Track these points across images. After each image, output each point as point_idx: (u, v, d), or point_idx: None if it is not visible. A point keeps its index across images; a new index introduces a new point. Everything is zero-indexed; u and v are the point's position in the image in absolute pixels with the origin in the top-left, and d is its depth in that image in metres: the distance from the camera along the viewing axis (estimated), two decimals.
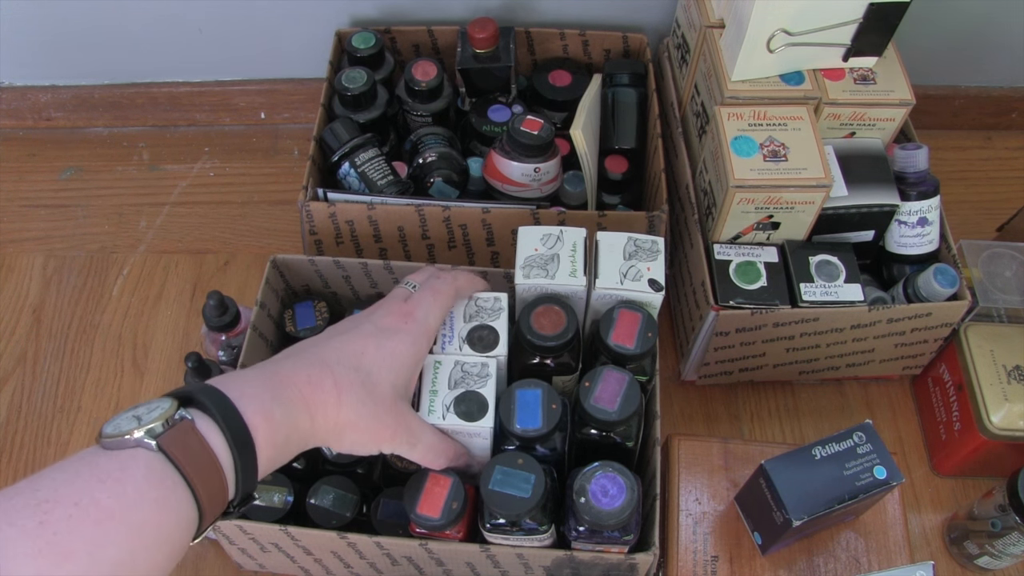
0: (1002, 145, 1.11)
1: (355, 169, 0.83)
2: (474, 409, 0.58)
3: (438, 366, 0.59)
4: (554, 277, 0.62)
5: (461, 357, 0.60)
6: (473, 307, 0.62)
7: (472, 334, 0.61)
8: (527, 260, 0.63)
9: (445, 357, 0.60)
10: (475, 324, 0.62)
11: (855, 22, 0.73)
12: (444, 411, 0.58)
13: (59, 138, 1.11)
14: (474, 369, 0.59)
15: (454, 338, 0.61)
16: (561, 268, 0.62)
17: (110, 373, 0.91)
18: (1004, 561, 0.76)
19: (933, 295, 0.77)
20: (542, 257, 0.62)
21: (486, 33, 0.89)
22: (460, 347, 0.61)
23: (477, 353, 0.61)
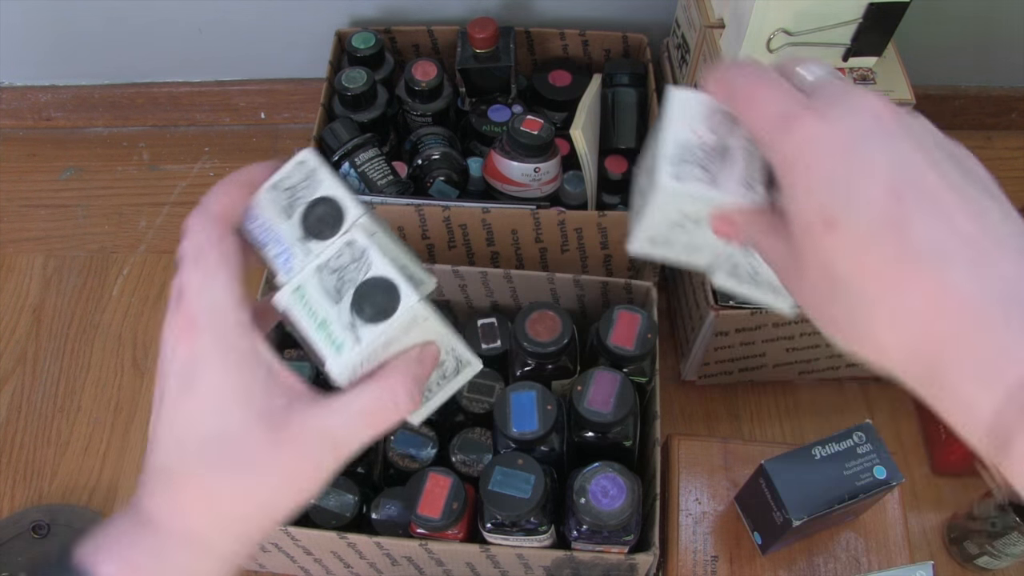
0: (1002, 145, 1.11)
1: (355, 169, 0.83)
2: (381, 300, 0.37)
3: (300, 294, 0.38)
4: (719, 185, 0.35)
5: (314, 259, 0.39)
6: (280, 195, 0.40)
7: (308, 223, 0.39)
8: (681, 148, 0.35)
9: (299, 277, 0.38)
10: (299, 208, 0.39)
11: (855, 22, 0.73)
12: (351, 337, 0.36)
13: (59, 138, 1.11)
14: (343, 260, 0.38)
15: (287, 246, 0.39)
16: (733, 170, 0.35)
17: (110, 373, 0.91)
18: (1003, 561, 0.76)
19: None
20: (705, 148, 0.36)
21: (486, 33, 0.89)
22: (304, 249, 0.39)
23: (329, 239, 0.39)
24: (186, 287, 0.35)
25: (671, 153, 0.35)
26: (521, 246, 0.82)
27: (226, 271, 0.36)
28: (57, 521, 0.80)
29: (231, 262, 0.36)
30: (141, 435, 0.86)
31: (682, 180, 0.35)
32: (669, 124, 0.36)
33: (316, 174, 0.40)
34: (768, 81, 0.33)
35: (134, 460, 0.85)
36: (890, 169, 0.28)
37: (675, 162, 0.35)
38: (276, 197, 0.40)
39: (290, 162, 0.40)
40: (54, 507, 0.81)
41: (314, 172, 0.40)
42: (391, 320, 0.36)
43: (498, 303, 0.79)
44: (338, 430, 0.35)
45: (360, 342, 0.36)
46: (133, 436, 0.87)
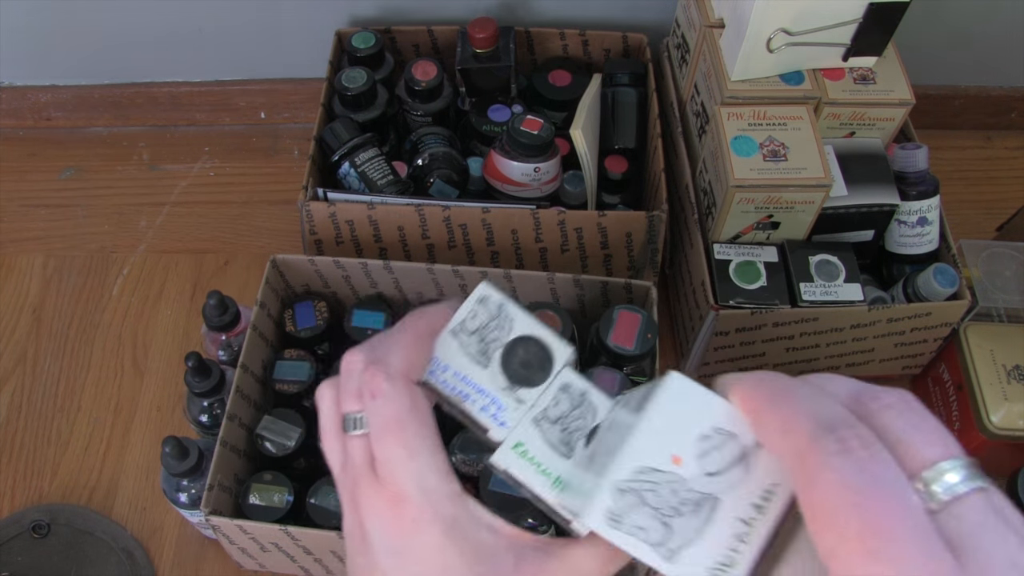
0: (1002, 145, 1.11)
1: (355, 169, 0.83)
2: (608, 439, 0.32)
3: (522, 451, 0.34)
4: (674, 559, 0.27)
5: (528, 409, 0.34)
6: (468, 339, 0.35)
7: (511, 369, 0.35)
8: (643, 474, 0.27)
9: (516, 432, 0.34)
10: (494, 351, 0.35)
11: (855, 22, 0.73)
12: (576, 479, 0.32)
13: (59, 138, 1.11)
14: (562, 408, 0.34)
15: (493, 397, 0.34)
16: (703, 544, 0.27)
17: (110, 373, 0.91)
18: None
19: (933, 295, 0.77)
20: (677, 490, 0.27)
21: (486, 33, 0.89)
22: (513, 398, 0.34)
23: (540, 384, 0.34)
24: (387, 460, 0.32)
25: (625, 476, 0.26)
26: (521, 246, 0.82)
27: (430, 442, 0.33)
28: (57, 521, 0.80)
29: (430, 431, 0.33)
30: (141, 435, 0.86)
31: (619, 527, 0.26)
32: (647, 424, 0.26)
33: (504, 311, 0.36)
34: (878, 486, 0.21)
35: (134, 460, 0.85)
36: None
37: (623, 492, 0.26)
38: (465, 342, 0.35)
39: (470, 300, 0.36)
40: (54, 507, 0.81)
41: (502, 309, 0.36)
42: (624, 454, 0.29)
43: None
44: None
45: (600, 489, 0.30)
46: (133, 436, 0.87)
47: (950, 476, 0.21)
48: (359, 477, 0.33)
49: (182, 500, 0.72)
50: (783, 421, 0.23)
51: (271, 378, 0.74)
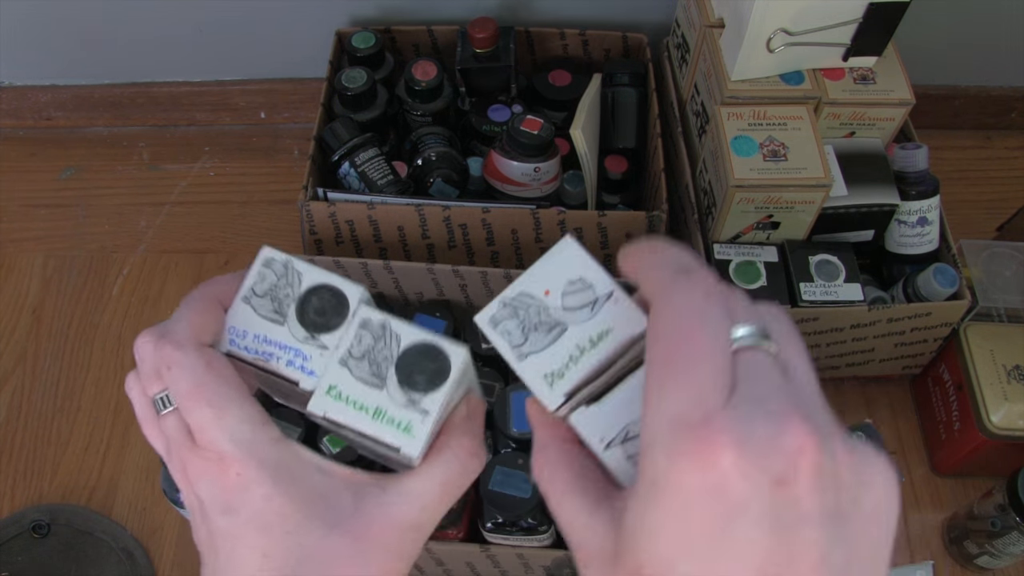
0: (1002, 145, 1.11)
1: (355, 169, 0.83)
2: (430, 365, 0.34)
3: (336, 393, 0.34)
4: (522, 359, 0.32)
5: (333, 353, 0.35)
6: (261, 301, 0.36)
7: (308, 319, 0.35)
8: (519, 297, 0.32)
9: (326, 377, 0.34)
10: (289, 307, 0.35)
11: (855, 22, 0.73)
12: (415, 414, 0.33)
13: (59, 138, 1.11)
14: (366, 343, 0.35)
15: (297, 349, 0.35)
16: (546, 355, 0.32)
17: (110, 373, 0.91)
18: (1004, 560, 0.76)
19: (933, 295, 0.77)
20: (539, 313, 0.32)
21: (486, 33, 0.89)
22: (316, 346, 0.35)
23: (339, 327, 0.35)
24: (199, 425, 0.32)
25: (510, 295, 0.32)
26: (521, 246, 0.82)
27: (235, 394, 0.32)
28: (57, 521, 0.80)
29: (232, 384, 0.33)
30: (141, 435, 0.86)
31: (495, 328, 0.32)
32: (537, 266, 0.32)
33: (290, 267, 0.37)
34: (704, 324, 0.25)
35: (134, 460, 0.85)
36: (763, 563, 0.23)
37: (506, 305, 0.32)
38: (258, 305, 0.36)
39: (255, 264, 0.36)
40: (54, 507, 0.81)
41: (287, 267, 0.37)
42: (449, 379, 0.34)
43: None
44: (420, 515, 0.33)
45: (429, 414, 0.34)
46: (133, 436, 0.87)
47: (742, 330, 0.26)
48: (182, 451, 0.32)
49: (182, 500, 0.72)
50: (652, 265, 0.28)
51: None
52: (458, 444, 0.34)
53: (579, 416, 0.30)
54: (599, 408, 0.30)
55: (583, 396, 0.31)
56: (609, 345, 0.31)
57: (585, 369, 0.30)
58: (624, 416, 0.30)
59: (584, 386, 0.31)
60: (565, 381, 0.30)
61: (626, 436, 0.30)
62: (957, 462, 0.83)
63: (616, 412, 0.30)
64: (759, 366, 0.25)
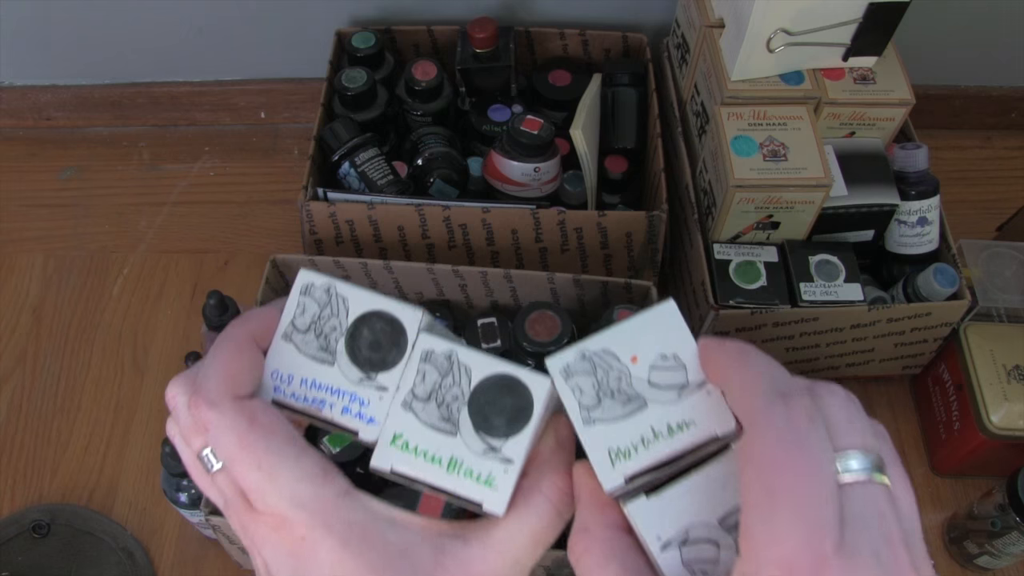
0: (1002, 145, 1.11)
1: (355, 169, 0.83)
2: (508, 403, 0.30)
3: (402, 443, 0.30)
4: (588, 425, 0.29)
5: (394, 395, 0.30)
6: (304, 337, 0.31)
7: (361, 356, 0.30)
8: (601, 355, 0.30)
9: (389, 425, 0.30)
10: (337, 342, 0.31)
11: (855, 22, 0.73)
12: (496, 464, 0.29)
13: (59, 138, 1.11)
14: (431, 380, 0.30)
15: (351, 393, 0.30)
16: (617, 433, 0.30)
17: (110, 373, 0.91)
18: (1004, 560, 0.76)
19: (933, 295, 0.77)
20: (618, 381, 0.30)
21: (486, 33, 0.89)
22: (373, 388, 0.30)
23: (398, 362, 0.30)
24: (252, 488, 0.29)
25: (593, 348, 0.29)
26: (521, 246, 0.82)
27: (288, 450, 0.29)
28: (57, 521, 0.80)
29: (282, 439, 0.29)
30: (141, 435, 0.86)
31: (567, 380, 0.29)
32: (630, 323, 0.29)
33: (334, 293, 0.31)
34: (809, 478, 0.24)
35: (134, 460, 0.85)
36: None
37: (585, 358, 0.29)
38: (302, 342, 0.31)
39: (293, 293, 0.31)
40: (54, 507, 0.81)
41: (330, 292, 0.31)
42: (532, 420, 0.29)
43: (498, 303, 0.79)
44: (508, 569, 0.29)
45: (512, 463, 0.29)
46: (133, 436, 0.87)
47: (854, 462, 0.24)
48: (240, 514, 0.30)
49: (182, 500, 0.72)
50: (744, 381, 0.26)
51: None
52: (550, 485, 0.30)
53: (636, 506, 0.27)
54: (659, 501, 0.27)
55: (643, 483, 0.28)
56: (688, 437, 0.27)
57: (655, 456, 0.27)
58: (686, 515, 0.27)
59: (648, 473, 0.27)
60: (631, 463, 0.27)
61: (686, 538, 0.27)
62: (957, 462, 0.83)
63: (677, 509, 0.27)
64: (872, 505, 0.23)
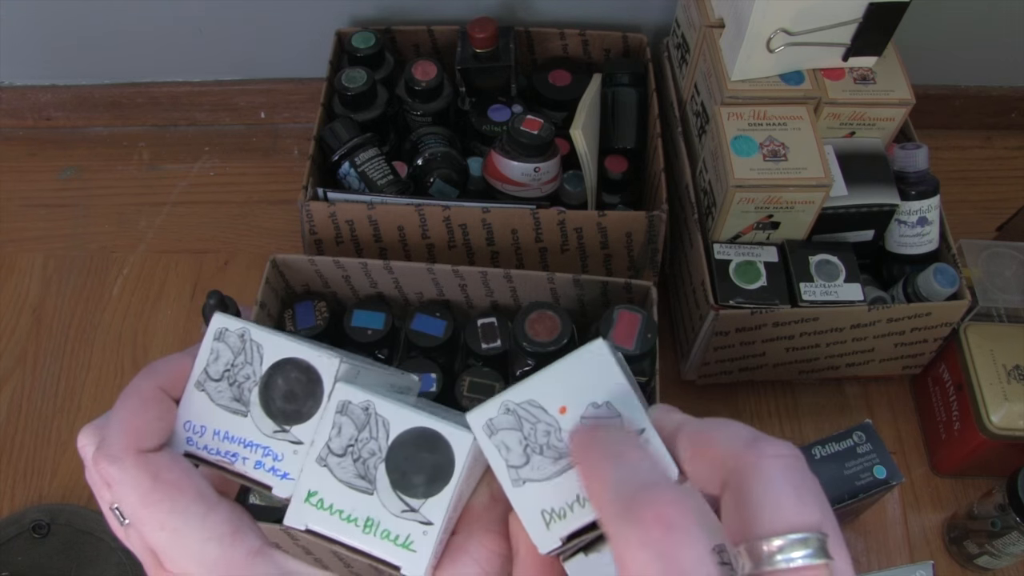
0: (1002, 145, 1.11)
1: (355, 169, 0.83)
2: (428, 460, 0.28)
3: (316, 501, 0.29)
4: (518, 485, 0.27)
5: (308, 450, 0.29)
6: (216, 386, 0.29)
7: (275, 407, 0.29)
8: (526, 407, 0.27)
9: (302, 481, 0.29)
10: (250, 392, 0.29)
11: (855, 22, 0.73)
12: (415, 525, 0.28)
13: (59, 138, 1.11)
14: (347, 435, 0.28)
15: (265, 447, 0.29)
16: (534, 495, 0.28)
17: (110, 373, 0.91)
18: (1004, 560, 0.76)
19: (933, 295, 0.77)
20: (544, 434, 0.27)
21: (486, 33, 0.89)
22: (287, 442, 0.29)
23: (313, 414, 0.29)
24: (158, 548, 0.27)
25: (516, 400, 0.27)
26: (521, 246, 0.82)
27: (194, 509, 0.27)
28: (57, 521, 0.80)
29: (189, 496, 0.28)
30: None
31: (491, 437, 0.26)
32: (555, 370, 0.27)
33: (247, 339, 0.29)
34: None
35: None
36: None
37: (509, 412, 0.26)
38: (215, 391, 0.29)
39: (206, 340, 0.29)
40: (54, 507, 0.81)
41: (244, 338, 0.29)
42: (453, 479, 0.27)
43: (498, 303, 0.79)
44: None
45: (432, 526, 0.27)
46: None
47: (796, 550, 0.22)
48: (152, 570, 0.28)
49: None
50: (593, 489, 0.23)
51: None
52: (478, 546, 0.28)
53: (575, 565, 0.26)
54: (599, 558, 0.26)
55: (581, 541, 0.26)
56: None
57: (592, 513, 0.25)
58: None
59: (586, 531, 0.26)
60: (566, 523, 0.25)
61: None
62: (957, 462, 0.83)
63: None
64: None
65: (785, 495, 0.22)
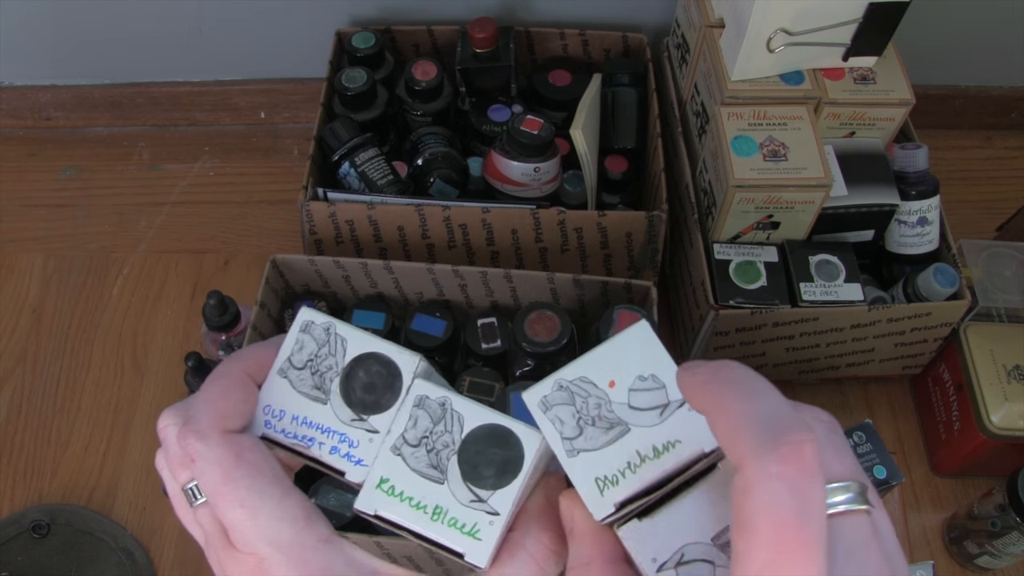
0: (1002, 145, 1.11)
1: (355, 169, 0.83)
2: (498, 455, 0.29)
3: (388, 488, 0.30)
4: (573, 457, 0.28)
5: (384, 438, 0.30)
6: (299, 375, 0.31)
7: (355, 396, 0.30)
8: (578, 383, 0.29)
9: (376, 468, 0.30)
10: (332, 381, 0.31)
11: (855, 22, 0.73)
12: (482, 515, 0.29)
13: (59, 138, 1.11)
14: (422, 427, 0.30)
15: (342, 434, 0.30)
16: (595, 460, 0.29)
17: (110, 373, 0.91)
18: (1004, 560, 0.76)
19: (933, 295, 0.77)
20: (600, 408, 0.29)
21: (486, 33, 0.89)
22: (363, 430, 0.30)
23: (391, 406, 0.30)
24: (232, 525, 0.28)
25: (568, 377, 0.28)
26: (521, 246, 0.82)
27: (272, 490, 0.28)
28: (57, 521, 0.80)
29: (268, 478, 0.29)
30: (141, 435, 0.86)
31: (546, 412, 0.28)
32: (603, 349, 0.29)
33: (333, 333, 0.31)
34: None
35: (134, 460, 0.85)
36: None
37: (562, 388, 0.28)
38: (297, 379, 0.31)
39: (293, 330, 0.31)
40: (54, 507, 0.81)
41: (330, 332, 0.31)
42: (522, 473, 0.29)
43: (498, 303, 0.79)
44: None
45: (498, 516, 0.29)
46: (133, 436, 0.87)
47: (841, 495, 0.24)
48: (219, 550, 0.29)
49: None
50: (730, 423, 0.24)
51: None
52: (535, 542, 0.29)
53: (629, 531, 0.27)
54: (652, 524, 0.27)
55: (635, 508, 0.27)
56: (675, 458, 0.27)
57: (644, 480, 0.27)
58: (679, 536, 0.27)
59: (639, 498, 0.27)
60: (619, 489, 0.27)
61: (680, 559, 0.26)
62: (957, 462, 0.83)
63: (671, 531, 0.27)
64: (858, 535, 0.24)
65: (823, 450, 0.24)
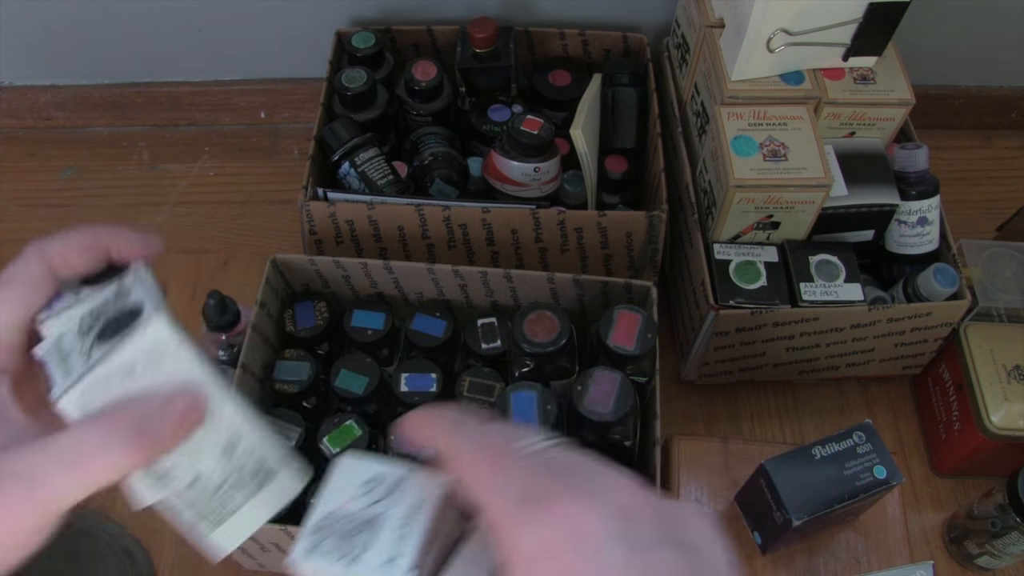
0: (1002, 145, 1.11)
1: (355, 169, 0.83)
2: (123, 320, 0.31)
3: (58, 344, 0.32)
4: (357, 561, 0.32)
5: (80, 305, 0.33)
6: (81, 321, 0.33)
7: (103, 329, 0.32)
8: (325, 519, 0.33)
9: (59, 323, 0.33)
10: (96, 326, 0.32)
11: (855, 22, 0.73)
12: (83, 361, 0.31)
13: (59, 138, 1.11)
14: (107, 302, 0.33)
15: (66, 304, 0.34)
16: (376, 547, 0.32)
17: None
18: (1004, 561, 0.76)
19: (933, 295, 0.77)
20: (351, 517, 0.33)
21: (486, 33, 0.89)
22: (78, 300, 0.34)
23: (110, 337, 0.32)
24: None
25: (316, 521, 0.33)
26: (521, 246, 0.82)
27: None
28: None
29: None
30: None
31: (315, 554, 0.32)
32: (327, 490, 0.34)
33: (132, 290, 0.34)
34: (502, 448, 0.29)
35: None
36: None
37: (318, 530, 0.33)
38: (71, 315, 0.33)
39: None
40: None
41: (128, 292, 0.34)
42: (125, 337, 0.30)
43: (498, 303, 0.79)
44: (33, 472, 0.29)
45: (88, 364, 0.30)
46: None
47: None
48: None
49: None
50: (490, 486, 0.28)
51: (271, 378, 0.74)
52: (111, 418, 0.30)
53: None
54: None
55: (428, 571, 0.32)
56: (427, 512, 0.32)
57: (416, 539, 0.32)
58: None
59: (424, 556, 0.32)
60: (405, 557, 0.31)
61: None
62: (957, 462, 0.83)
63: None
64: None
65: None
